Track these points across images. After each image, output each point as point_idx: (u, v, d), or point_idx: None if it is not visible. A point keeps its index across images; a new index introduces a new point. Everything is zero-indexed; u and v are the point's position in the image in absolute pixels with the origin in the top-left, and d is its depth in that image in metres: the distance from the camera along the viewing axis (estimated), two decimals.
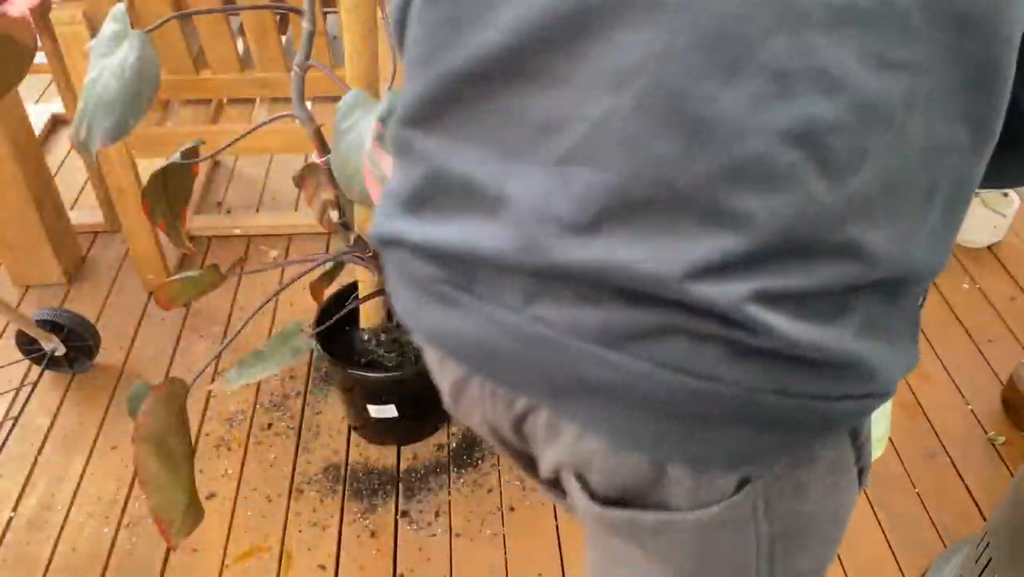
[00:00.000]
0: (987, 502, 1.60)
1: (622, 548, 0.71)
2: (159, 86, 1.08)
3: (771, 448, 0.60)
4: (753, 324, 0.54)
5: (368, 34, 1.25)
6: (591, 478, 0.65)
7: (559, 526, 1.57)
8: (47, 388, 1.83)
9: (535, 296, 0.60)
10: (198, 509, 1.24)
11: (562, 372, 0.60)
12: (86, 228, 2.25)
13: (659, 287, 0.55)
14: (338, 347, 1.63)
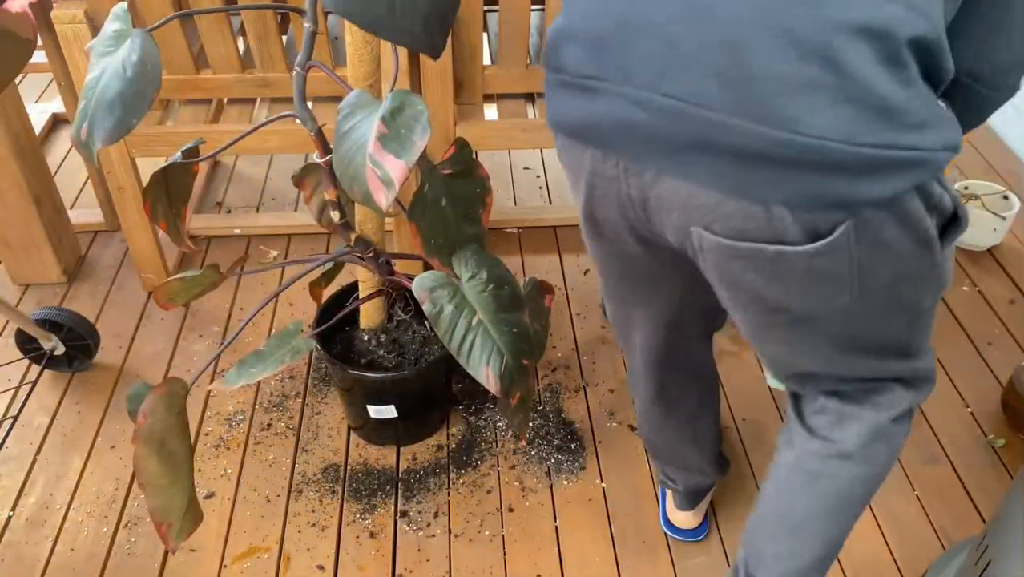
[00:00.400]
0: (986, 505, 1.60)
1: (744, 276, 0.90)
2: (160, 85, 1.08)
3: (860, 194, 0.79)
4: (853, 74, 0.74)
5: (370, 34, 1.25)
6: (716, 228, 0.86)
7: (558, 527, 1.57)
8: (46, 387, 1.83)
9: (665, 75, 0.80)
10: (197, 511, 1.24)
11: (687, 138, 0.81)
12: (86, 227, 2.25)
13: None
14: (338, 347, 1.63)
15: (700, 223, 0.87)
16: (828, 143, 0.76)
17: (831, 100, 0.75)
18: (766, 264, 0.86)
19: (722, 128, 0.79)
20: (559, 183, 2.49)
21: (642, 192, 0.90)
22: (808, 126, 0.76)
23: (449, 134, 1.89)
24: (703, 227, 0.87)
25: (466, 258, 1.24)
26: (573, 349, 1.93)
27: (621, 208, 0.94)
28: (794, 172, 0.78)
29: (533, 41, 2.05)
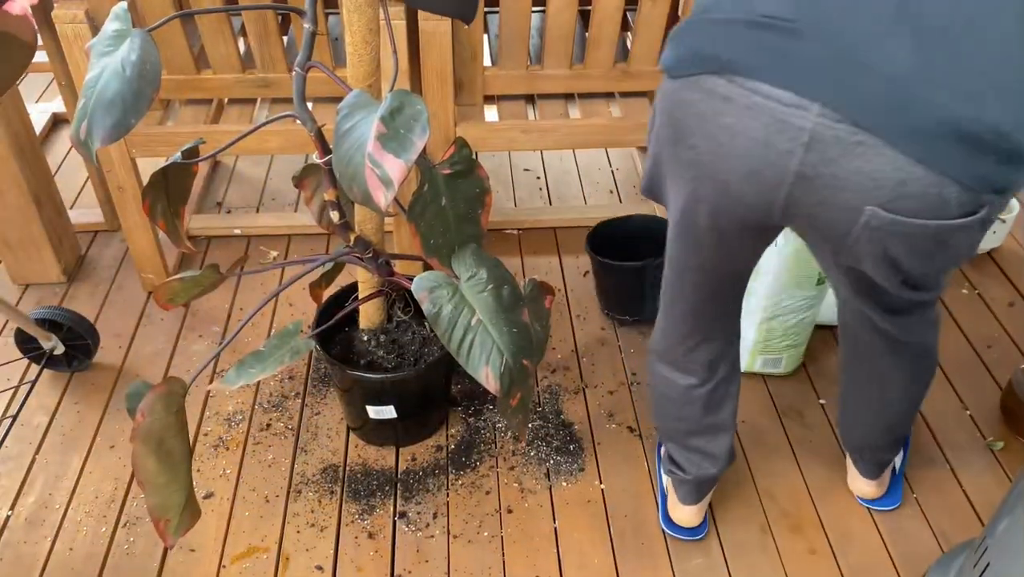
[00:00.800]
0: (985, 507, 1.60)
1: (895, 249, 0.98)
2: (159, 85, 1.08)
3: (1011, 181, 0.91)
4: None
5: (370, 35, 1.25)
6: (894, 206, 0.92)
7: (557, 529, 1.57)
8: (46, 387, 1.83)
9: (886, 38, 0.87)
10: (195, 509, 1.24)
11: (897, 105, 0.87)
12: (86, 227, 2.25)
13: None
14: (337, 348, 1.63)
15: (877, 202, 0.93)
16: (1004, 128, 0.87)
17: (1017, 87, 0.87)
18: (921, 238, 0.96)
19: (928, 100, 0.86)
20: (559, 184, 2.49)
21: (816, 169, 0.93)
22: (993, 109, 0.86)
23: (449, 135, 1.89)
24: (879, 206, 0.93)
25: (465, 258, 1.24)
26: (573, 351, 1.93)
27: (768, 186, 0.97)
28: (977, 153, 0.88)
29: (534, 43, 2.05)
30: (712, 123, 0.97)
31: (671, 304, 1.31)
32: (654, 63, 1.93)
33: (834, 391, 1.82)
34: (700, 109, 0.98)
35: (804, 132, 0.91)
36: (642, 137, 1.97)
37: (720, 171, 1.00)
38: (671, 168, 1.09)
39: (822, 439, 1.73)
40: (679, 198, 1.11)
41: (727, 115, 0.96)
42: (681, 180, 1.08)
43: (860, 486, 1.59)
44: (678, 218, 1.14)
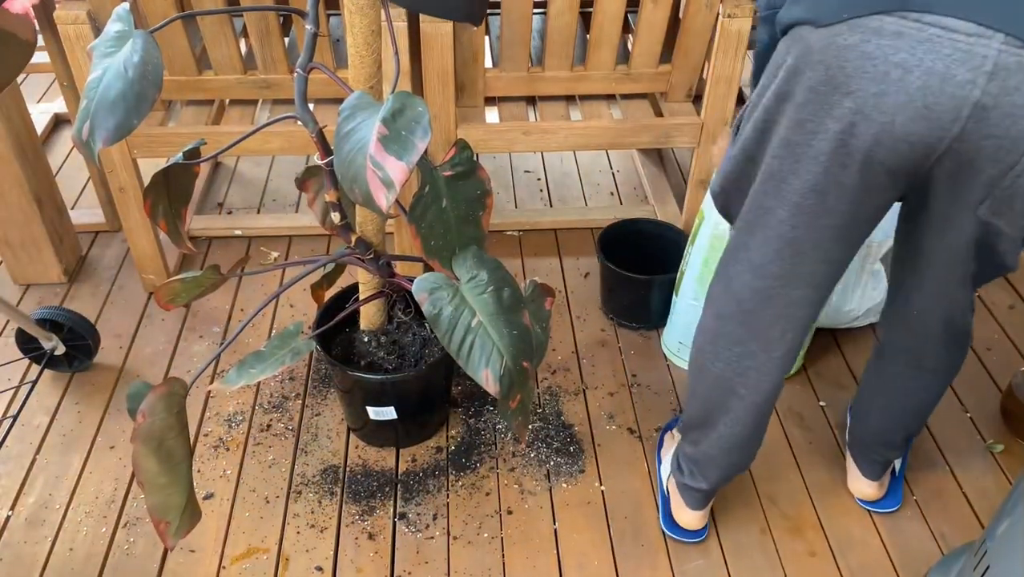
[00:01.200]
0: (985, 510, 1.60)
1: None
2: (161, 86, 1.08)
3: None
4: None
5: (371, 36, 1.25)
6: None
7: (557, 530, 1.57)
8: (46, 387, 1.83)
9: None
10: (196, 510, 1.24)
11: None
12: (87, 227, 2.25)
13: None
14: (338, 349, 1.63)
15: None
16: None
17: None
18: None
19: None
20: (560, 186, 2.49)
21: (996, 99, 0.93)
22: None
23: (450, 136, 1.89)
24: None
25: (466, 260, 1.24)
26: (573, 352, 1.93)
27: (942, 121, 0.96)
28: None
29: (535, 45, 2.05)
30: (882, 62, 0.95)
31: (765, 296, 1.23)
32: (655, 65, 1.94)
33: (834, 394, 1.82)
34: (866, 50, 0.96)
35: (988, 60, 0.91)
36: (641, 139, 1.98)
37: (887, 111, 0.98)
38: (799, 132, 1.05)
39: (822, 441, 1.73)
40: (812, 162, 1.06)
41: (900, 51, 0.94)
42: (822, 138, 1.04)
43: (861, 487, 1.59)
44: (800, 187, 1.09)
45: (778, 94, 1.07)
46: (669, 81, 1.98)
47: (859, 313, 1.91)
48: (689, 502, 1.50)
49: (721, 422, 1.36)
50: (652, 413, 1.79)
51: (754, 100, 1.14)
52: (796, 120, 1.05)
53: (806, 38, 1.02)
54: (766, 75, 1.10)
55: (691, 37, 1.87)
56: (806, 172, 1.07)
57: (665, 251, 1.96)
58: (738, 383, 1.31)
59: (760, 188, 1.15)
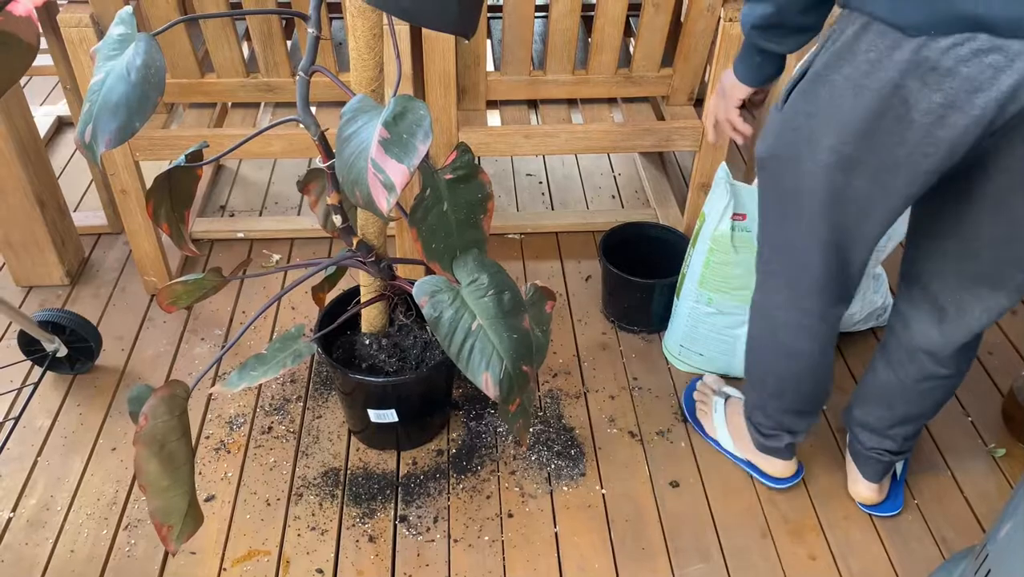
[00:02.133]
0: (987, 514, 1.60)
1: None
2: (164, 89, 1.09)
3: None
4: None
5: (373, 40, 1.26)
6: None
7: (558, 533, 1.57)
8: (48, 389, 1.84)
9: None
10: (198, 514, 1.24)
11: None
12: (89, 230, 2.26)
13: None
14: (339, 351, 1.64)
15: None
16: None
17: None
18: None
19: None
20: (561, 189, 2.49)
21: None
22: None
23: (452, 140, 1.90)
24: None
25: (467, 263, 1.24)
26: (574, 355, 1.93)
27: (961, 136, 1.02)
28: None
29: (537, 48, 2.06)
30: (976, 63, 0.98)
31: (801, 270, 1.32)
32: (656, 69, 1.94)
33: (835, 398, 1.82)
34: (960, 53, 0.98)
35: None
36: (643, 143, 1.98)
37: (978, 104, 1.00)
38: (882, 120, 1.07)
39: (823, 445, 1.73)
40: (896, 147, 1.09)
41: (992, 52, 0.97)
42: (907, 127, 1.06)
43: (860, 490, 1.59)
44: (878, 166, 1.12)
45: (855, 85, 1.07)
46: (671, 85, 1.98)
47: (860, 317, 1.91)
48: (783, 455, 1.60)
49: (801, 382, 1.45)
50: (653, 416, 1.79)
51: (815, 76, 1.12)
52: (877, 113, 1.07)
53: (888, 37, 1.02)
54: (833, 57, 1.09)
55: (693, 41, 1.87)
56: (888, 154, 1.10)
57: (666, 254, 1.96)
58: (810, 341, 1.39)
59: (824, 165, 1.16)
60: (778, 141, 1.21)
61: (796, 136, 1.17)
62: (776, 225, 1.31)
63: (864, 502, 1.60)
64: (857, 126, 1.09)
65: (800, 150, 1.17)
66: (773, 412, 1.53)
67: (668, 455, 1.71)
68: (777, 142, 1.22)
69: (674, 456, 1.71)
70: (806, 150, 1.17)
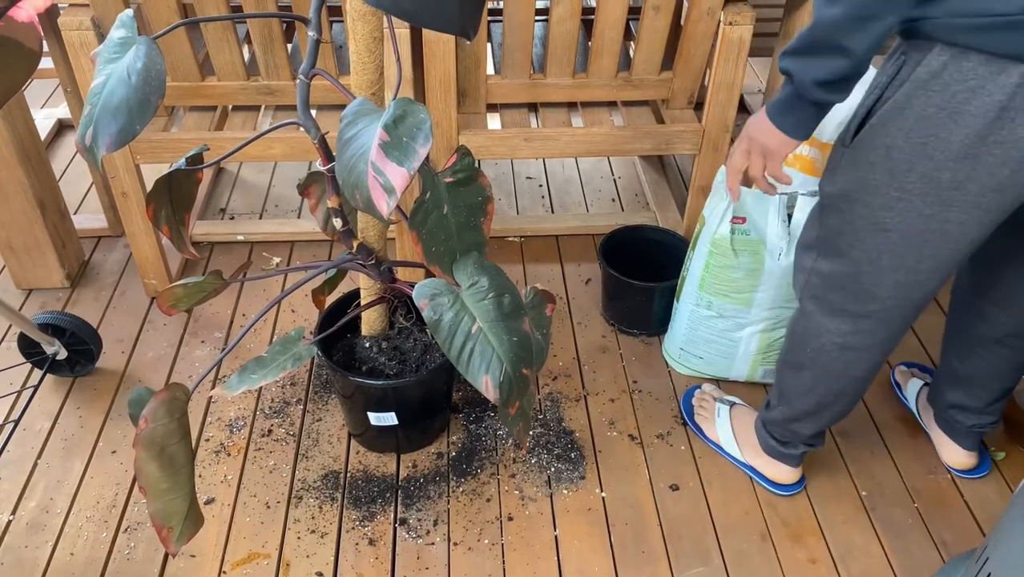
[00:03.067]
0: (987, 517, 1.60)
1: None
2: (164, 92, 1.09)
3: None
4: None
5: (374, 43, 1.26)
6: None
7: (558, 537, 1.57)
8: (48, 391, 1.84)
9: None
10: (198, 516, 1.24)
11: None
12: (89, 232, 2.26)
13: None
14: (339, 354, 1.64)
15: None
16: None
17: None
18: None
19: None
20: (561, 192, 2.49)
21: None
22: None
23: (452, 143, 1.90)
24: None
25: (467, 266, 1.24)
26: (574, 358, 1.93)
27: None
28: None
29: (537, 52, 2.06)
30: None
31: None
32: (656, 72, 1.94)
33: None
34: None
35: None
36: (643, 146, 1.98)
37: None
38: (991, 147, 1.08)
39: (823, 448, 1.73)
40: (1000, 167, 1.09)
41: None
42: (1015, 147, 1.07)
43: (960, 459, 1.66)
44: (978, 190, 1.12)
45: (953, 111, 1.07)
46: (670, 88, 1.98)
47: None
48: (791, 462, 1.61)
49: (839, 403, 1.47)
50: (653, 420, 1.79)
51: (895, 107, 1.11)
52: (980, 135, 1.07)
53: (998, 63, 1.02)
54: (917, 88, 1.08)
55: (693, 44, 1.88)
56: (989, 177, 1.11)
57: (667, 258, 1.96)
58: (864, 369, 1.40)
59: (919, 199, 1.15)
60: (852, 177, 1.20)
61: (873, 170, 1.16)
62: (847, 259, 1.27)
63: (962, 469, 1.68)
64: (957, 150, 1.08)
65: (883, 181, 1.16)
66: (802, 428, 1.54)
67: (668, 458, 1.71)
68: (851, 178, 1.20)
69: (674, 459, 1.71)
70: (888, 180, 1.15)
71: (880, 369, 1.42)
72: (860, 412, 1.81)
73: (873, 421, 1.79)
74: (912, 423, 1.78)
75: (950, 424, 1.66)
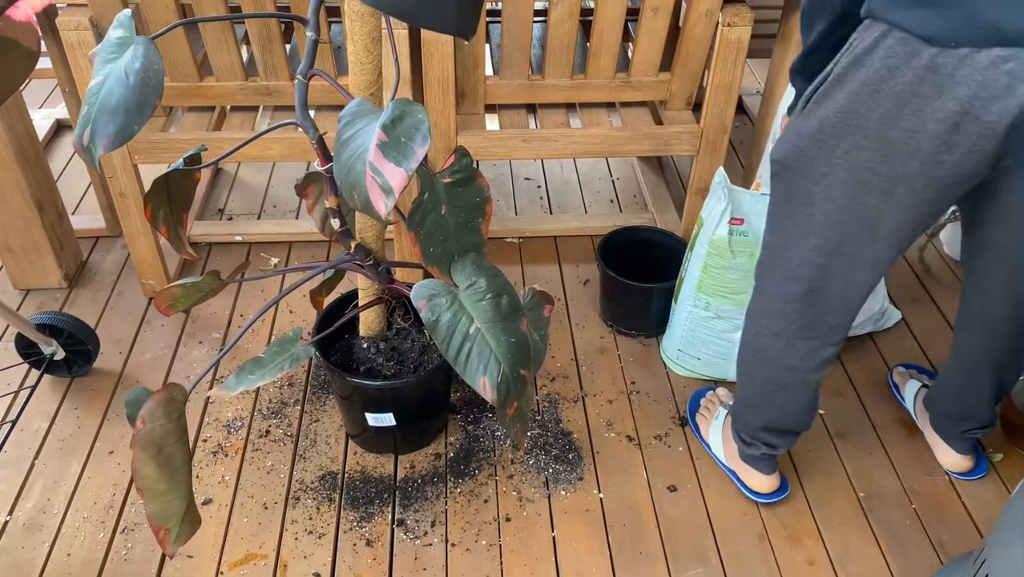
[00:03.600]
0: (984, 519, 1.60)
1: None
2: (162, 93, 1.09)
3: None
4: None
5: (372, 44, 1.26)
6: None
7: (555, 538, 1.56)
8: (45, 392, 1.84)
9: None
10: (195, 517, 1.24)
11: None
12: (87, 233, 2.26)
13: None
14: (337, 355, 1.63)
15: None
16: None
17: None
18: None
19: None
20: (559, 193, 2.49)
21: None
22: None
23: (450, 143, 1.90)
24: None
25: (465, 267, 1.24)
26: (572, 359, 1.93)
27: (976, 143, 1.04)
28: None
29: (535, 53, 2.06)
30: (992, 69, 1.00)
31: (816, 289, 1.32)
32: (655, 73, 1.94)
33: (833, 403, 1.82)
34: (976, 59, 1.00)
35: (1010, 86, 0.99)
36: (641, 147, 1.98)
37: (993, 110, 1.02)
38: (895, 128, 1.09)
39: (821, 450, 1.73)
40: (909, 158, 1.11)
41: (1009, 61, 0.99)
42: (921, 137, 1.08)
43: (955, 462, 1.67)
44: (891, 176, 1.14)
45: (873, 90, 1.09)
46: (669, 89, 1.98)
47: (859, 321, 1.91)
48: (762, 469, 1.60)
49: (779, 396, 1.46)
50: (651, 421, 1.79)
51: (835, 77, 1.14)
52: (890, 114, 1.08)
53: (908, 44, 1.04)
54: (850, 58, 1.11)
55: (691, 45, 1.88)
56: (901, 166, 1.12)
57: (664, 259, 1.97)
58: (795, 360, 1.40)
59: (840, 175, 1.17)
60: (794, 146, 1.22)
61: (811, 140, 1.18)
62: (783, 233, 1.31)
63: (958, 471, 1.67)
64: (874, 129, 1.10)
65: (815, 154, 1.18)
66: (753, 419, 1.54)
67: (666, 459, 1.71)
68: (793, 147, 1.22)
69: (672, 460, 1.71)
70: (820, 153, 1.17)
71: (822, 369, 1.41)
72: (858, 413, 1.81)
73: (871, 422, 1.79)
74: (910, 425, 1.78)
75: (944, 428, 1.66)
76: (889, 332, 2.01)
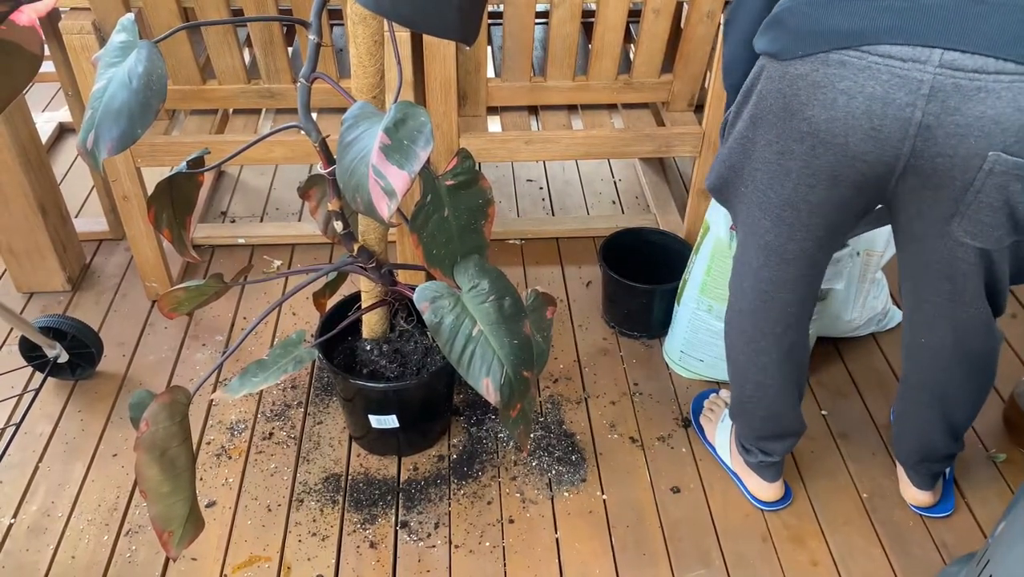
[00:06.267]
0: (988, 519, 1.60)
1: (1019, 197, 1.05)
2: (165, 96, 1.09)
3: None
4: None
5: (375, 46, 1.26)
6: (1016, 149, 0.99)
7: (559, 539, 1.57)
8: (49, 395, 1.84)
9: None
10: (199, 519, 1.24)
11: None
12: (90, 236, 2.26)
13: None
14: (340, 357, 1.64)
15: (1001, 147, 0.99)
16: None
17: None
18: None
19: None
20: (562, 195, 2.50)
21: (938, 119, 0.99)
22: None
23: (453, 146, 1.90)
24: (1003, 150, 1.00)
25: (467, 269, 1.24)
26: (575, 361, 1.93)
27: (891, 141, 1.04)
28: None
29: (537, 55, 2.06)
30: (829, 89, 1.04)
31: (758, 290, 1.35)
32: (656, 75, 1.94)
33: (836, 403, 1.82)
34: (815, 79, 1.05)
35: (924, 84, 0.98)
36: (643, 148, 1.98)
37: (839, 133, 1.06)
38: (771, 151, 1.16)
39: (824, 450, 1.73)
40: (785, 179, 1.17)
41: (844, 79, 1.03)
42: (789, 158, 1.14)
43: (914, 495, 1.60)
44: (778, 201, 1.20)
45: (752, 117, 1.18)
46: (670, 91, 1.98)
47: (860, 322, 1.91)
48: (764, 476, 1.59)
49: (759, 403, 1.48)
50: (654, 422, 1.79)
51: (734, 110, 1.23)
52: (767, 141, 1.16)
53: (768, 68, 1.12)
54: (743, 93, 1.20)
55: (692, 47, 1.88)
56: (781, 188, 1.19)
57: (667, 260, 1.97)
58: (760, 371, 1.43)
59: (748, 197, 1.26)
60: (723, 165, 1.29)
61: (737, 153, 1.24)
62: (740, 244, 1.35)
63: (919, 506, 1.60)
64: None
65: (743, 161, 1.24)
66: (742, 424, 1.57)
67: (669, 461, 1.71)
68: (722, 166, 1.29)
69: (675, 462, 1.71)
70: (746, 160, 1.23)
71: (790, 379, 1.44)
72: (860, 414, 1.81)
73: (874, 423, 1.79)
74: None
75: (902, 458, 1.59)
76: (892, 332, 2.01)
